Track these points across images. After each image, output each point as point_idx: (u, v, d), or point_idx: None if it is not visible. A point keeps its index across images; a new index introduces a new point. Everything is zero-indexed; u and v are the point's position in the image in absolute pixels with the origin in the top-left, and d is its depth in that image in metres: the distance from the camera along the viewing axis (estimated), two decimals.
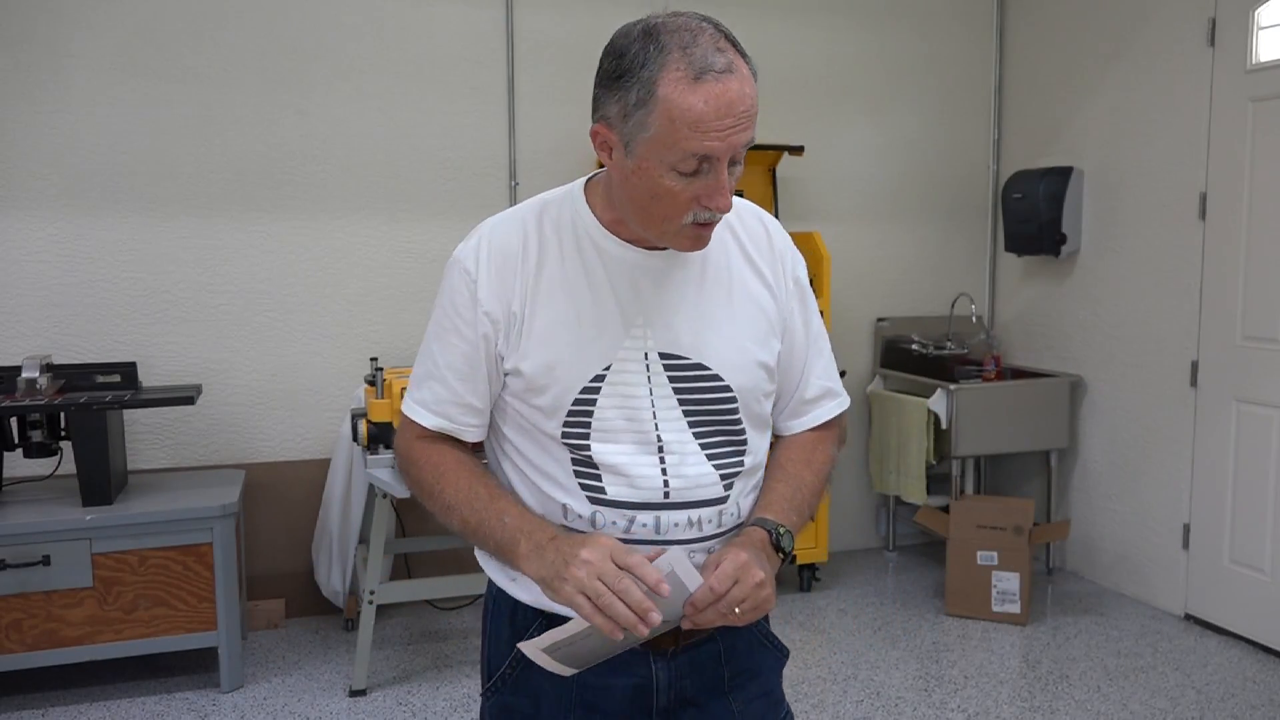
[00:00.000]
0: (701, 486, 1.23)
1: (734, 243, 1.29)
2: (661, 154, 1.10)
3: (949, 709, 3.01)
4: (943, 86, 4.49)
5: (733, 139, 1.09)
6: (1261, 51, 3.39)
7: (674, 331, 1.22)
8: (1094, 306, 4.08)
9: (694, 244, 1.18)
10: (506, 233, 1.25)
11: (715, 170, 1.11)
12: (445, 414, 1.28)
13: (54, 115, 3.38)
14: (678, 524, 1.22)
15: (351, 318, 3.74)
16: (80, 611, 2.94)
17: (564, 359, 1.20)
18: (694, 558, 1.21)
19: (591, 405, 1.20)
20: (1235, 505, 3.52)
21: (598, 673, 1.24)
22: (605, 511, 1.22)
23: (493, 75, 3.85)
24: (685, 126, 1.08)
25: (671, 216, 1.14)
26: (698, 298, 1.24)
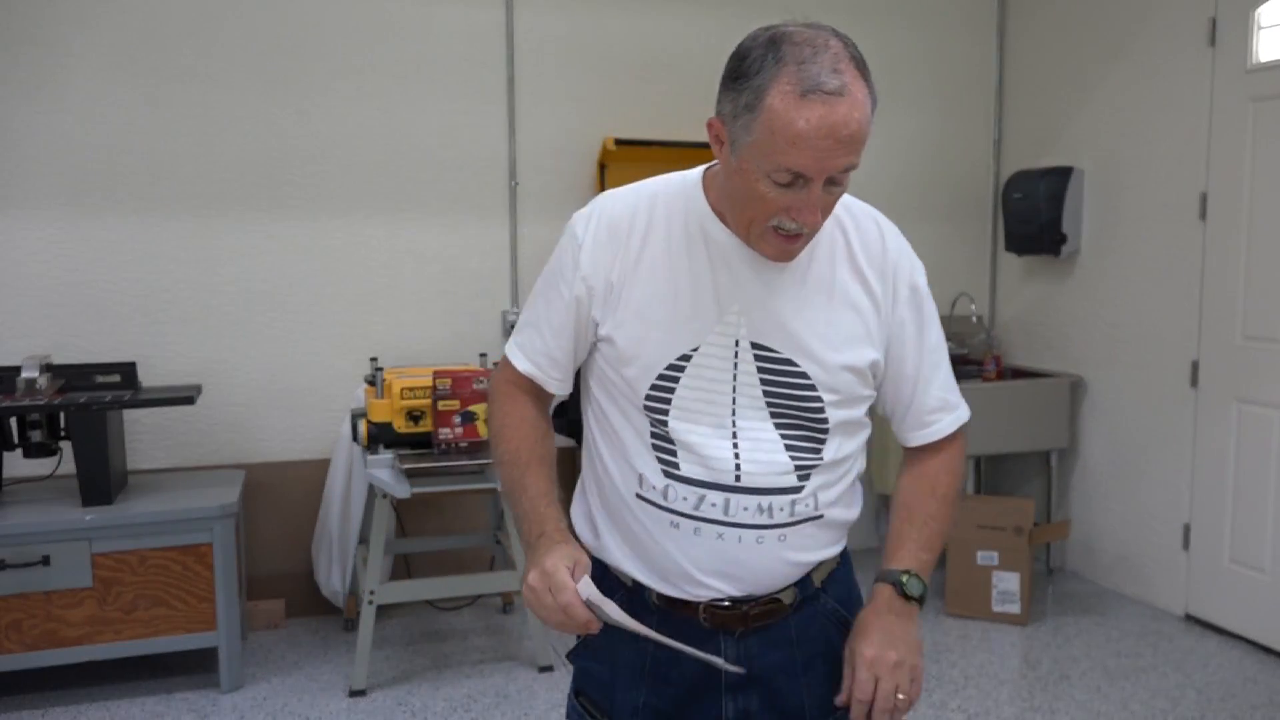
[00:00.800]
0: (774, 474, 1.25)
1: (843, 246, 1.29)
2: (759, 161, 1.12)
3: (949, 709, 3.01)
4: (943, 86, 4.49)
5: (829, 162, 1.11)
6: (1261, 51, 3.39)
7: (768, 323, 1.24)
8: (1094, 306, 4.08)
9: (777, 253, 1.20)
10: (618, 206, 1.30)
11: (809, 187, 1.13)
12: (536, 362, 1.34)
13: (54, 115, 3.38)
14: (747, 508, 1.26)
15: (351, 318, 3.74)
16: (80, 611, 2.94)
17: (654, 335, 1.25)
18: (761, 544, 1.27)
19: (674, 383, 1.25)
20: (1235, 505, 3.52)
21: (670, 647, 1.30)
22: (677, 486, 1.26)
23: (493, 75, 3.85)
24: (783, 140, 1.09)
25: (758, 220, 1.17)
26: (797, 294, 1.25)
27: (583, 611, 1.16)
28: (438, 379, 3.18)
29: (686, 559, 1.27)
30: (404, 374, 3.31)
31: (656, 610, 1.31)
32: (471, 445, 3.19)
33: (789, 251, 1.20)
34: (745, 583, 1.28)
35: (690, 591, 1.29)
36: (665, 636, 1.21)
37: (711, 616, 1.29)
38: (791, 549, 1.29)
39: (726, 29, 4.22)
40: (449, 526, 3.89)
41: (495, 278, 3.91)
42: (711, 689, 1.31)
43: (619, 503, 1.32)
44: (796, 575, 1.32)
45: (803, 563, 1.31)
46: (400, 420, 3.20)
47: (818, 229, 1.18)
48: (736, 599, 1.29)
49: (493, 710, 3.00)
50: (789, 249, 1.20)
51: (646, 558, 1.30)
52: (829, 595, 1.37)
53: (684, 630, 1.29)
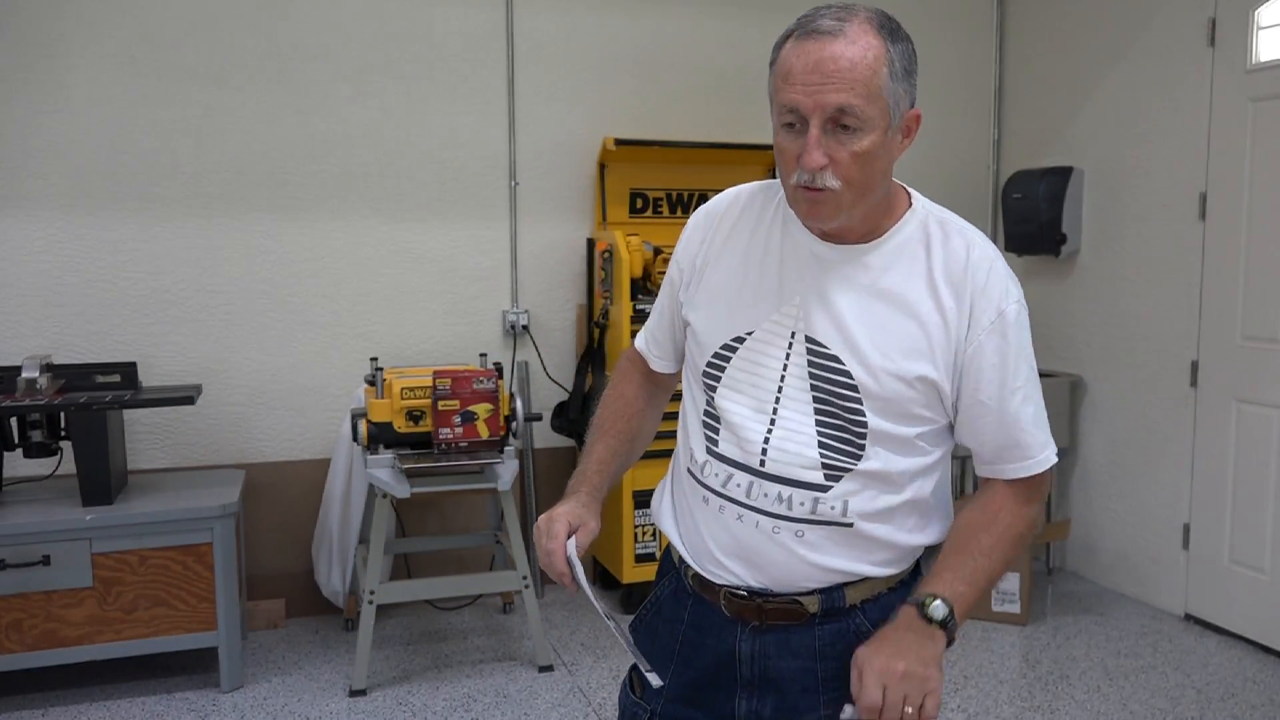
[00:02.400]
0: (799, 466, 1.25)
1: (924, 258, 1.25)
2: (773, 109, 1.20)
3: (949, 709, 3.01)
4: (943, 86, 4.49)
5: (820, 97, 1.13)
6: (1261, 51, 3.39)
7: (825, 320, 1.25)
8: (1094, 306, 4.08)
9: (805, 209, 1.21)
10: (725, 196, 1.40)
11: (807, 127, 1.15)
12: (646, 339, 1.49)
13: (54, 115, 3.38)
14: (767, 495, 1.26)
15: (351, 318, 3.74)
16: (80, 611, 2.94)
17: (719, 314, 1.31)
18: (777, 535, 1.27)
19: (726, 361, 1.30)
20: (1235, 505, 3.52)
21: (699, 630, 1.35)
22: (714, 463, 1.31)
23: (493, 75, 3.85)
24: (782, 80, 1.17)
25: (788, 180, 1.20)
26: (859, 298, 1.24)
27: (561, 563, 1.28)
28: (438, 379, 3.18)
29: (710, 536, 1.31)
30: (404, 374, 3.31)
31: (692, 594, 1.36)
32: (471, 445, 3.19)
33: (815, 209, 1.20)
34: (762, 573, 1.28)
35: (713, 572, 1.32)
36: (618, 626, 1.28)
37: (729, 604, 1.31)
38: (810, 548, 1.26)
39: (727, 29, 4.23)
40: (449, 526, 3.89)
41: (495, 278, 3.91)
42: (729, 681, 1.32)
43: (680, 477, 1.39)
44: (820, 580, 1.28)
45: (825, 567, 1.27)
46: (400, 420, 3.20)
47: (813, 168, 1.15)
48: (754, 590, 1.29)
49: (493, 710, 3.01)
50: (815, 206, 1.19)
51: (688, 534, 1.36)
52: (865, 617, 1.30)
53: (709, 617, 1.34)
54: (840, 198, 1.18)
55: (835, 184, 1.16)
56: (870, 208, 1.23)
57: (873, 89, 1.14)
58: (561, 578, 1.28)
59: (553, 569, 1.28)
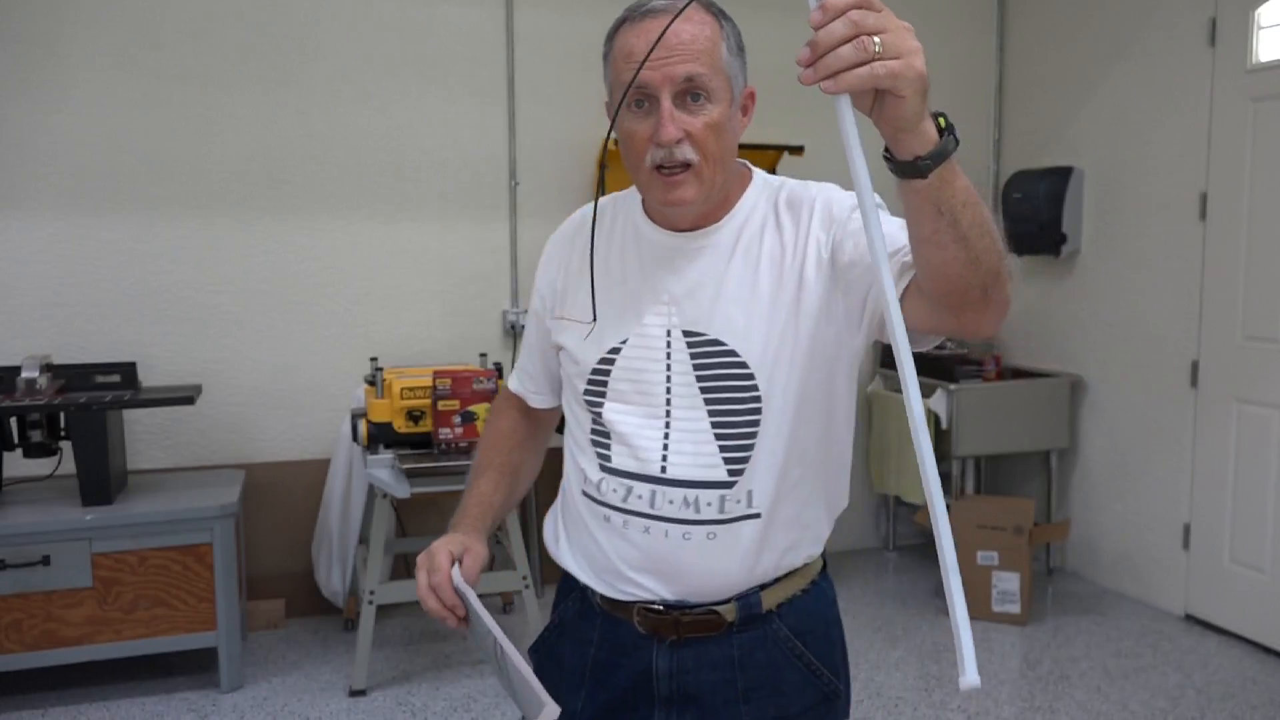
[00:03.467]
0: (701, 466, 1.21)
1: (772, 215, 1.25)
2: (616, 96, 1.18)
3: (949, 709, 3.01)
4: (942, 87, 4.47)
5: (668, 69, 1.13)
6: (1261, 51, 3.39)
7: (697, 309, 1.23)
8: (1094, 306, 4.08)
9: (664, 193, 1.18)
10: (573, 218, 1.39)
11: (659, 103, 1.15)
12: (520, 378, 1.46)
13: (54, 115, 3.38)
14: (672, 502, 1.22)
15: (351, 318, 3.74)
16: (80, 611, 2.94)
17: (588, 332, 1.28)
18: (688, 541, 1.22)
19: (607, 375, 1.26)
20: (1235, 505, 3.52)
21: (610, 651, 1.30)
22: (609, 479, 1.26)
23: (493, 75, 3.85)
24: (622, 60, 1.17)
25: (638, 163, 1.18)
26: (724, 273, 1.23)
27: (450, 595, 1.22)
28: (438, 379, 3.18)
29: (616, 554, 1.26)
30: (404, 374, 3.31)
31: (601, 613, 1.31)
32: (471, 445, 3.19)
33: (676, 190, 1.17)
34: (676, 585, 1.24)
35: (624, 590, 1.27)
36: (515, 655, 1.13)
37: (644, 620, 1.26)
38: (723, 549, 1.22)
39: None
40: (449, 527, 3.89)
41: (495, 278, 3.91)
42: (645, 700, 1.28)
43: (572, 502, 1.34)
44: (737, 586, 1.24)
45: (740, 567, 1.23)
46: (400, 420, 3.20)
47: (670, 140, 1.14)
48: (670, 604, 1.25)
49: (492, 710, 3.00)
50: (675, 187, 1.17)
51: (588, 556, 1.31)
52: (783, 623, 1.27)
53: (621, 635, 1.28)
54: (700, 172, 1.17)
55: (693, 156, 1.15)
56: (722, 188, 1.22)
57: (715, 61, 1.16)
58: (454, 610, 1.22)
59: (443, 601, 1.22)
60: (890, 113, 0.89)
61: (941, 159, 0.92)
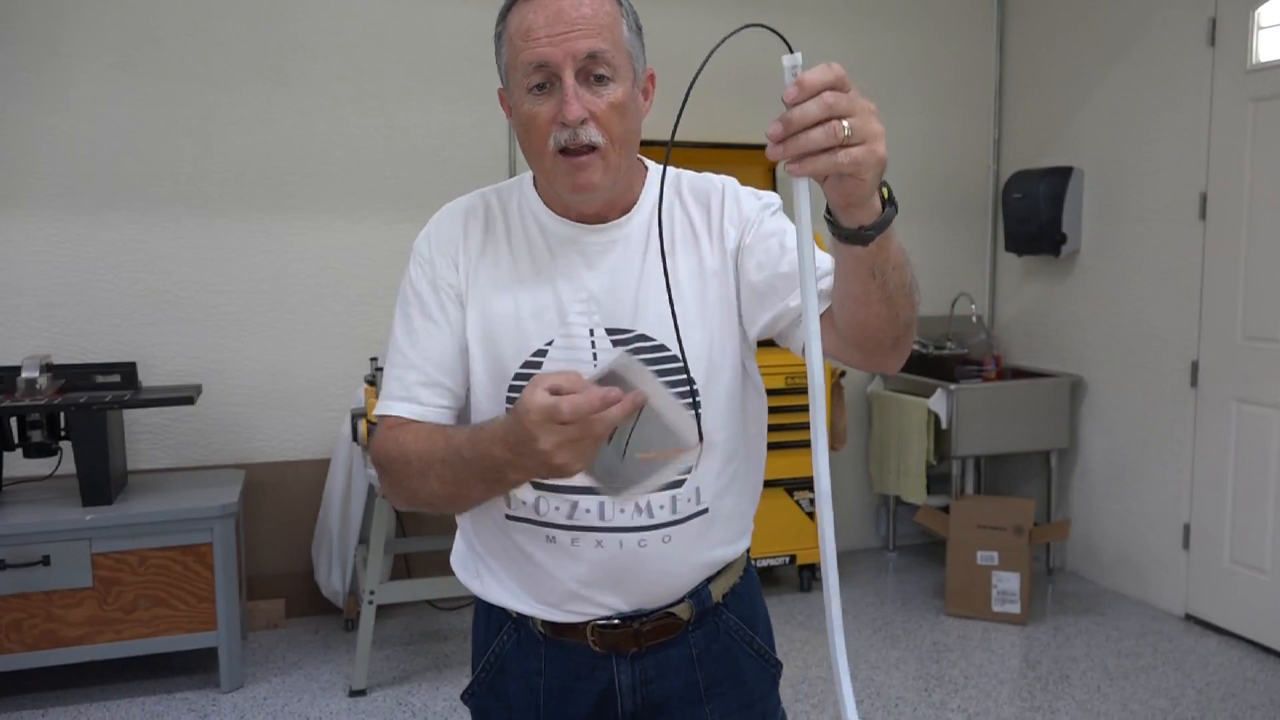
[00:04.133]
0: None
1: (680, 210, 1.24)
2: (515, 78, 1.13)
3: (949, 709, 3.01)
4: (943, 86, 4.49)
5: (569, 45, 1.09)
6: (1261, 51, 3.39)
7: (617, 305, 1.18)
8: (1094, 306, 4.08)
9: (573, 181, 1.13)
10: (452, 216, 1.27)
11: (562, 82, 1.10)
12: (412, 395, 1.21)
13: (54, 115, 3.38)
14: (624, 510, 1.18)
15: (351, 318, 3.74)
16: (80, 611, 2.94)
17: (503, 336, 1.19)
18: (644, 548, 1.17)
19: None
20: (1235, 505, 3.52)
21: (562, 678, 1.23)
22: (548, 496, 1.18)
23: (493, 75, 3.82)
24: (520, 39, 1.11)
25: (542, 148, 1.13)
26: (641, 267, 1.20)
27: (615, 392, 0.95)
28: None
29: (567, 575, 1.19)
30: None
31: (544, 640, 1.24)
32: None
33: (583, 175, 1.12)
34: (634, 595, 1.20)
35: (577, 611, 1.21)
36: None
37: (601, 638, 1.21)
38: (680, 550, 1.20)
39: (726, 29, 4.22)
40: (449, 526, 3.88)
41: None
42: (608, 719, 1.24)
43: (492, 529, 1.24)
44: (690, 584, 1.23)
45: (696, 565, 1.23)
46: None
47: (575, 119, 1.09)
48: (626, 615, 1.21)
49: None
50: (581, 172, 1.12)
51: (527, 583, 1.23)
52: (731, 612, 1.28)
53: (573, 659, 1.22)
54: (606, 156, 1.13)
55: (599, 138, 1.11)
56: (627, 176, 1.19)
57: (617, 38, 1.13)
58: (627, 402, 0.95)
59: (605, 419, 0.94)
60: (846, 189, 0.89)
61: (884, 228, 0.94)
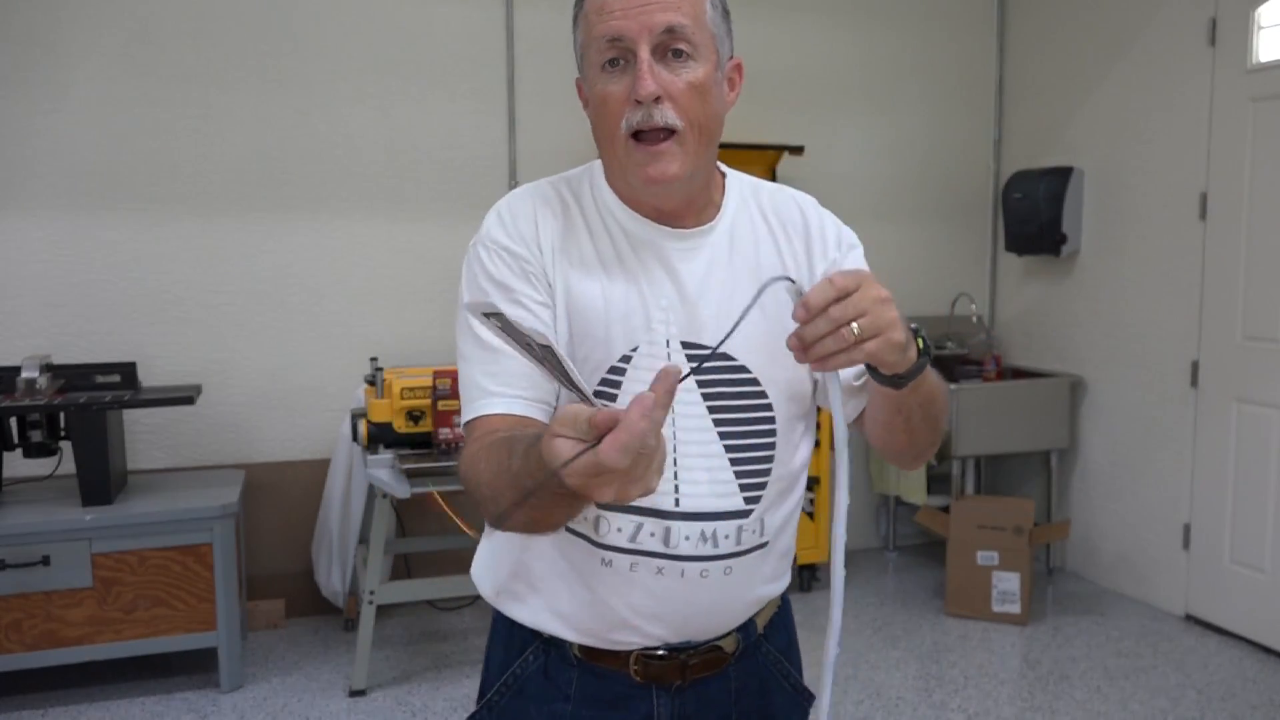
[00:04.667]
0: (718, 496, 1.10)
1: (761, 220, 1.17)
2: (590, 57, 1.07)
3: (949, 709, 3.01)
4: (943, 86, 4.49)
5: (645, 19, 1.02)
6: (1261, 51, 3.39)
7: (698, 317, 1.10)
8: (1094, 306, 4.08)
9: (644, 166, 1.05)
10: (523, 203, 1.17)
11: (635, 57, 1.03)
12: (513, 391, 1.07)
13: (54, 115, 3.38)
14: (689, 538, 1.10)
15: (351, 318, 3.74)
16: (80, 611, 2.94)
17: (589, 336, 1.09)
18: (706, 579, 1.10)
19: (616, 388, 1.09)
20: (1235, 505, 3.52)
21: (594, 707, 1.16)
22: (611, 516, 1.10)
23: (493, 75, 3.85)
24: (594, 14, 1.06)
25: (612, 132, 1.06)
26: (724, 277, 1.12)
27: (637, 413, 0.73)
28: (438, 379, 3.18)
29: (621, 601, 1.12)
30: (404, 374, 3.31)
31: (578, 665, 1.16)
32: None
33: (659, 164, 1.05)
34: (686, 627, 1.14)
35: (621, 641, 1.13)
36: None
37: (644, 669, 1.14)
38: (737, 584, 1.14)
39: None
40: (449, 526, 3.89)
41: None
42: None
43: (542, 544, 1.15)
44: (741, 617, 1.18)
45: (749, 600, 1.17)
46: (400, 420, 3.20)
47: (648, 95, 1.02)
48: (674, 646, 1.14)
49: None
50: (657, 160, 1.05)
51: (573, 605, 1.14)
52: (771, 644, 1.24)
53: (609, 688, 1.15)
54: (684, 142, 1.05)
55: (676, 120, 1.04)
56: (706, 175, 1.12)
57: (699, 14, 1.05)
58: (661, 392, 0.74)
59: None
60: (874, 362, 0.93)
61: (916, 375, 0.98)
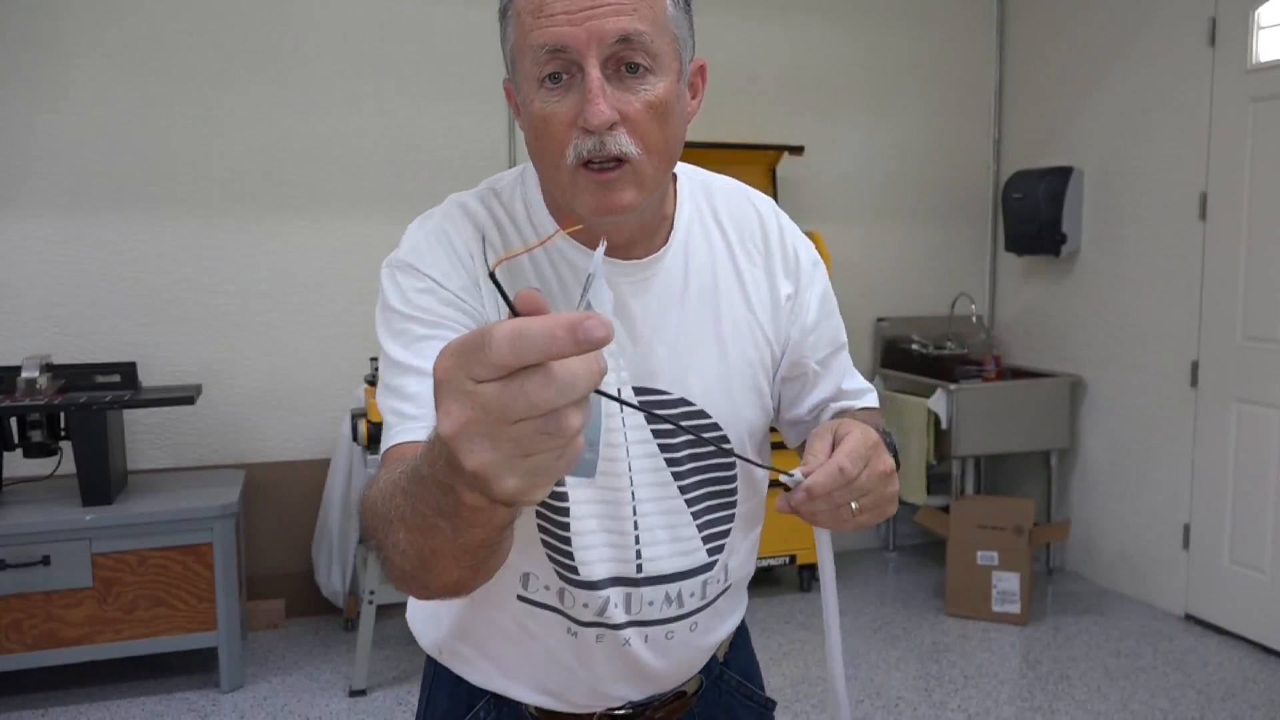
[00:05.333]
0: (682, 554, 1.02)
1: (718, 235, 1.04)
2: (523, 65, 0.88)
3: (949, 709, 3.01)
4: (943, 86, 4.49)
5: (594, 26, 0.83)
6: (1261, 51, 3.39)
7: (650, 359, 0.98)
8: (1094, 306, 4.08)
9: (595, 198, 0.88)
10: (458, 222, 1.01)
11: (584, 73, 0.85)
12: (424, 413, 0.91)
13: (54, 115, 3.38)
14: (652, 602, 1.02)
15: (352, 317, 3.74)
16: (80, 611, 2.94)
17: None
18: (671, 640, 1.03)
19: None
20: (1235, 505, 3.52)
21: None
22: (576, 592, 1.00)
23: (493, 75, 3.85)
24: (530, 15, 0.85)
25: (557, 160, 0.88)
26: (680, 315, 1.00)
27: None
28: None
29: (586, 670, 1.04)
30: None
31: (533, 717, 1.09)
32: None
33: (610, 195, 0.88)
34: (651, 685, 1.07)
35: (584, 704, 1.07)
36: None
37: None
38: (702, 634, 1.08)
39: (727, 28, 4.23)
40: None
41: None
42: None
43: (489, 604, 1.03)
44: (704, 660, 1.12)
45: (713, 643, 1.12)
46: None
47: (600, 124, 0.84)
48: (638, 703, 1.08)
49: None
50: (608, 192, 0.88)
51: (530, 668, 1.06)
52: (733, 670, 1.18)
53: None
54: (640, 171, 0.88)
55: (631, 148, 0.87)
56: (662, 195, 0.97)
57: (658, 15, 0.87)
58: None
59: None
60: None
61: None
